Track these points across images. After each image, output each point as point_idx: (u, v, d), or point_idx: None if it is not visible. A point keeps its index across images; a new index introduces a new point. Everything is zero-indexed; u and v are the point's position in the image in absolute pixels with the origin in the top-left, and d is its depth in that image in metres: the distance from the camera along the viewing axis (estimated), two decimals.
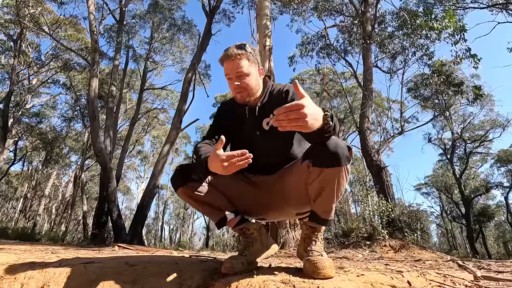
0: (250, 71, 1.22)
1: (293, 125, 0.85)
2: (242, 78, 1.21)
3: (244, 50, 1.21)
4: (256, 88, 1.26)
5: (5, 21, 14.33)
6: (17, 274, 1.19)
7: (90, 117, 9.24)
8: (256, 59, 1.26)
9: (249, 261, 1.17)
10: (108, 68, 14.98)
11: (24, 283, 1.16)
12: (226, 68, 1.22)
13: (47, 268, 1.22)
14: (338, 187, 1.05)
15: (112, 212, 8.19)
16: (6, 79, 16.71)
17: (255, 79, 1.24)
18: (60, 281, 1.14)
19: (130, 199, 32.56)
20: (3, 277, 1.17)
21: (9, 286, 1.14)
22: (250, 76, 1.22)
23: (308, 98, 0.88)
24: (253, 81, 1.23)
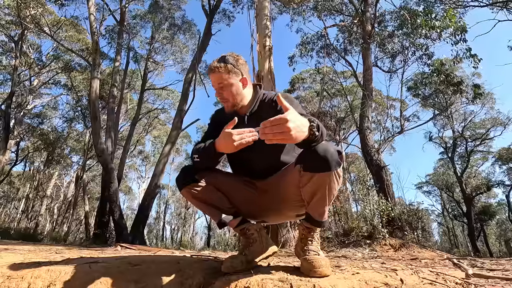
0: (230, 82, 1.26)
1: (278, 138, 0.90)
2: (223, 89, 1.26)
3: (224, 63, 1.25)
4: (239, 98, 1.30)
5: (6, 22, 14.38)
6: (24, 273, 1.23)
7: (91, 118, 9.29)
8: (238, 70, 1.29)
9: (249, 261, 1.20)
10: (109, 68, 15.03)
11: (31, 282, 1.20)
12: (211, 81, 1.28)
13: (53, 267, 1.26)
14: (330, 191, 1.08)
15: (114, 212, 8.24)
16: (8, 80, 16.80)
17: (236, 89, 1.28)
18: (66, 281, 1.18)
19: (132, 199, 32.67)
20: (11, 277, 1.21)
21: (16, 285, 1.18)
22: (231, 87, 1.26)
23: (292, 111, 0.93)
24: (234, 92, 1.28)
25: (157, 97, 18.34)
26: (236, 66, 1.29)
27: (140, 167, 26.57)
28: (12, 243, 4.91)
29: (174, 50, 16.14)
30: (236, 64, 1.29)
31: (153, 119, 18.55)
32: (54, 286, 1.17)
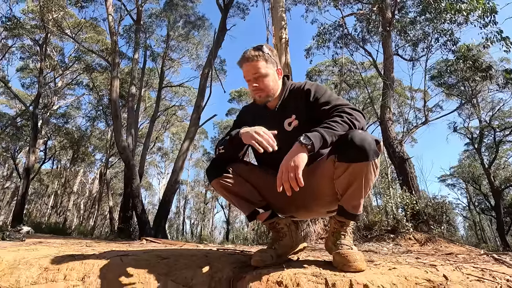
0: (267, 72, 1.23)
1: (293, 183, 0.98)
2: (260, 79, 1.22)
3: (261, 52, 1.22)
4: (274, 88, 1.26)
5: (31, 26, 14.98)
6: (60, 265, 1.27)
7: (112, 117, 9.56)
8: (274, 59, 1.26)
9: (278, 255, 1.18)
10: (128, 67, 15.38)
11: (66, 274, 1.23)
12: (244, 71, 1.24)
13: (87, 260, 1.30)
14: (366, 182, 1.03)
15: (137, 207, 8.49)
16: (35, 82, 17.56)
17: (273, 79, 1.25)
18: (99, 273, 1.21)
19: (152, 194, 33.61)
20: (48, 268, 1.26)
21: (53, 276, 1.22)
22: (268, 77, 1.23)
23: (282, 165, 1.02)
24: (271, 82, 1.24)
25: (174, 94, 18.62)
26: (272, 56, 1.26)
27: (159, 163, 27.28)
28: (44, 236, 5.18)
29: (189, 47, 16.28)
30: (272, 54, 1.26)
31: (171, 116, 18.89)
32: (88, 278, 1.20)
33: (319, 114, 1.14)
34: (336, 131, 1.01)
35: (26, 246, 1.92)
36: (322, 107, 1.14)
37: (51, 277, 1.22)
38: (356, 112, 1.08)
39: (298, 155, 0.98)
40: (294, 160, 0.97)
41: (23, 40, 15.89)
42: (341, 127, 1.02)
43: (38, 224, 10.33)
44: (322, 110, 1.13)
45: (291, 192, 0.98)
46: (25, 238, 3.15)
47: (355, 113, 1.07)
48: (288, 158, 0.99)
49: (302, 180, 0.96)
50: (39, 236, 4.87)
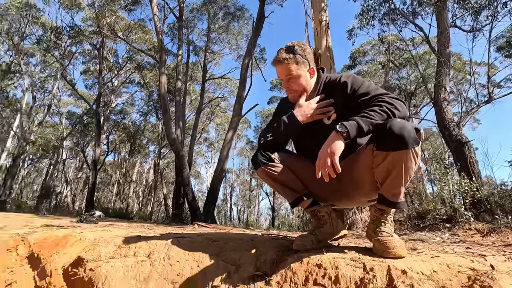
0: (299, 73, 1.26)
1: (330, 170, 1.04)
2: (291, 81, 1.27)
3: (292, 54, 1.25)
4: (306, 87, 1.30)
5: (90, 33, 16.56)
6: (130, 244, 1.50)
7: (162, 111, 10.27)
8: (306, 59, 1.28)
9: (319, 240, 1.24)
10: (173, 63, 16.21)
11: (135, 251, 1.45)
12: (277, 72, 1.29)
13: (151, 240, 1.51)
14: (406, 170, 1.03)
15: (187, 195, 9.12)
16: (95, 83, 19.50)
17: (305, 80, 1.28)
18: (161, 251, 1.41)
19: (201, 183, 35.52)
20: (121, 246, 1.49)
21: (126, 253, 1.45)
22: (299, 79, 1.27)
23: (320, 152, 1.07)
24: (303, 82, 1.28)
25: (217, 86, 19.19)
26: (304, 56, 1.28)
27: (206, 153, 28.67)
28: (112, 220, 5.91)
29: (229, 38, 16.52)
30: (304, 54, 1.29)
31: (214, 108, 19.57)
32: (153, 255, 1.40)
33: (358, 105, 1.14)
34: (373, 119, 1.02)
35: (101, 228, 2.25)
36: (361, 98, 1.15)
37: (124, 253, 1.45)
38: (396, 101, 1.07)
39: (334, 143, 1.02)
40: (330, 148, 1.01)
41: (84, 45, 17.68)
42: (379, 116, 1.03)
43: (106, 209, 11.71)
44: (362, 101, 1.14)
45: (328, 178, 1.02)
46: (97, 221, 3.65)
47: (395, 102, 1.06)
48: (325, 146, 1.04)
49: (339, 166, 1.00)
50: (108, 220, 5.58)
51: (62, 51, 17.00)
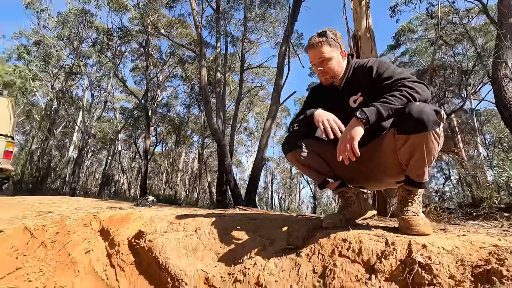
0: (331, 55, 1.31)
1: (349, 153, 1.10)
2: (324, 63, 1.32)
3: (325, 37, 1.30)
4: (339, 70, 1.34)
5: (136, 32, 17.71)
6: (180, 220, 1.73)
7: (203, 102, 10.75)
8: (337, 43, 1.33)
9: (347, 219, 1.32)
10: (213, 56, 16.68)
11: (184, 226, 1.68)
12: (310, 56, 1.34)
13: (197, 218, 1.72)
14: (429, 151, 1.06)
15: (230, 182, 9.54)
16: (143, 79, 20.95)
17: (337, 62, 1.33)
18: (206, 226, 1.61)
19: (242, 171, 36.51)
20: (173, 222, 1.73)
21: (176, 227, 1.69)
22: (332, 60, 1.31)
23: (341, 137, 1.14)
24: (335, 64, 1.32)
25: (255, 76, 19.33)
26: (336, 39, 1.34)
27: (246, 142, 29.30)
28: (163, 205, 6.50)
29: (266, 26, 16.43)
30: (336, 38, 1.34)
31: (253, 97, 19.80)
32: (199, 230, 1.61)
33: (382, 89, 1.17)
34: (393, 104, 1.06)
35: (155, 209, 2.57)
36: (384, 82, 1.18)
37: (175, 228, 1.68)
38: (418, 85, 1.08)
39: (354, 129, 1.08)
40: (350, 133, 1.08)
41: (132, 44, 19.03)
42: (399, 100, 1.06)
43: (157, 195, 12.78)
44: (385, 85, 1.17)
45: (348, 162, 1.09)
46: (151, 205, 4.09)
47: (415, 85, 1.08)
48: (345, 131, 1.11)
49: (358, 151, 1.06)
50: (159, 205, 6.16)
51: (114, 51, 18.52)
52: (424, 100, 1.08)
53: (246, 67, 16.39)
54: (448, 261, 0.84)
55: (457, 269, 0.81)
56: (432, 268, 0.82)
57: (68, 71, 18.45)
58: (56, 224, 2.50)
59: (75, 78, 19.57)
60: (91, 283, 1.75)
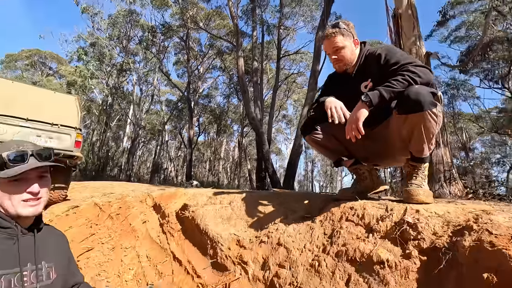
0: (344, 44, 1.42)
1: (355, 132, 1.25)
2: (338, 52, 1.43)
3: (338, 28, 1.42)
4: (351, 58, 1.45)
5: (177, 27, 18.56)
6: (217, 196, 2.02)
7: (241, 92, 11.08)
8: (350, 32, 1.43)
9: (359, 192, 1.47)
10: (250, 45, 16.87)
11: (221, 200, 1.97)
12: (324, 47, 1.48)
13: (231, 194, 2.00)
14: (426, 129, 1.16)
15: (268, 169, 9.82)
16: (185, 72, 21.99)
17: (350, 50, 1.43)
18: (238, 200, 1.87)
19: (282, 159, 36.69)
20: (211, 197, 2.03)
21: (214, 201, 1.98)
22: (345, 49, 1.42)
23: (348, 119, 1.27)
24: (348, 53, 1.43)
25: (292, 62, 19.11)
26: (348, 29, 1.45)
27: (285, 129, 29.29)
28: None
29: (302, 10, 16.04)
30: (348, 28, 1.46)
31: (291, 84, 19.66)
32: (233, 203, 1.88)
33: (389, 74, 1.27)
34: (395, 88, 1.16)
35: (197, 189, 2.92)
36: (391, 67, 1.27)
37: (213, 202, 1.98)
38: (420, 69, 1.17)
39: (359, 111, 1.21)
40: (356, 115, 1.22)
41: (173, 39, 20.03)
42: (401, 84, 1.16)
43: (201, 182, 13.64)
44: (392, 70, 1.27)
45: (355, 139, 1.24)
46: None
47: (418, 69, 1.17)
48: (352, 113, 1.25)
49: (362, 130, 1.20)
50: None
51: (158, 47, 19.72)
52: (425, 83, 1.17)
53: (283, 54, 16.28)
54: (435, 221, 0.96)
55: (442, 228, 0.93)
56: (418, 226, 0.96)
57: (119, 68, 20.13)
58: (118, 201, 3.00)
59: (125, 75, 21.26)
60: (148, 246, 2.14)
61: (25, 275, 0.74)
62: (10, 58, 26.47)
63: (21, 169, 0.75)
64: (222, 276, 1.50)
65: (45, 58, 27.33)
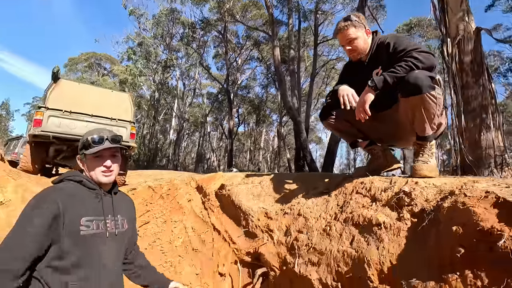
0: (357, 35, 1.53)
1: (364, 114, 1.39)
2: (352, 43, 1.55)
3: (350, 21, 1.53)
4: (364, 47, 1.56)
5: (214, 21, 19.09)
6: (248, 177, 2.29)
7: (277, 81, 11.17)
8: (361, 23, 1.54)
9: (372, 170, 1.60)
10: (286, 33, 16.73)
11: (252, 180, 2.23)
12: (339, 39, 1.60)
13: (261, 176, 2.25)
14: (426, 110, 1.26)
15: (306, 157, 9.90)
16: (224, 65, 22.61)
17: (363, 40, 1.54)
18: (267, 180, 2.12)
19: (323, 148, 36.03)
20: (244, 178, 2.31)
21: (246, 181, 2.25)
22: (358, 39, 1.54)
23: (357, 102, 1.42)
24: (361, 42, 1.54)
25: (331, 48, 18.51)
26: (360, 21, 1.56)
27: None
28: None
29: None
30: (359, 20, 1.57)
31: (330, 71, 19.10)
32: (262, 182, 2.13)
33: (396, 61, 1.37)
34: (398, 73, 1.27)
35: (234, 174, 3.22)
36: (398, 55, 1.37)
37: (245, 182, 2.25)
38: (423, 54, 1.26)
39: (366, 95, 1.35)
40: (363, 98, 1.35)
41: (212, 33, 20.67)
42: (404, 70, 1.27)
43: (241, 170, 14.19)
44: (399, 57, 1.36)
45: (364, 120, 1.38)
46: None
47: (421, 55, 1.26)
48: (360, 97, 1.38)
49: (369, 112, 1.33)
50: None
51: (197, 42, 20.55)
52: (427, 68, 1.26)
53: (321, 40, 15.87)
54: (430, 191, 1.09)
55: (434, 195, 1.06)
56: (412, 194, 1.09)
57: (163, 65, 21.45)
58: (168, 183, 3.44)
59: (169, 71, 22.58)
60: (193, 219, 2.51)
61: (107, 222, 1.07)
62: (72, 62, 29.69)
63: (98, 148, 1.07)
64: (253, 242, 1.77)
65: (100, 60, 30.12)
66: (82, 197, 1.02)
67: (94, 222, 1.03)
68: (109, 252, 1.03)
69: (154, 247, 2.37)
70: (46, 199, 0.91)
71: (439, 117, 1.34)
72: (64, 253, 0.91)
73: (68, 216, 0.93)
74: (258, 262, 1.68)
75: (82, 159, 1.09)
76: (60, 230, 0.90)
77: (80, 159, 1.10)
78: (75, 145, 4.74)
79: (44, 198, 0.92)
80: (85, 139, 1.09)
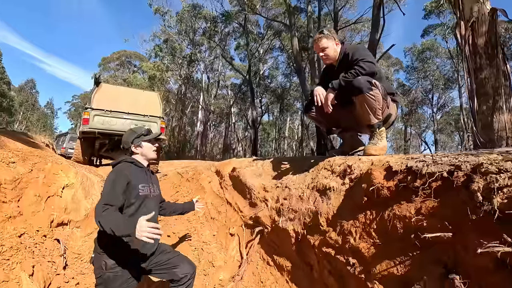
0: (328, 45, 1.94)
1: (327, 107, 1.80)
2: (324, 50, 1.97)
3: (322, 34, 1.95)
4: (334, 55, 1.96)
5: (235, 12, 19.44)
6: (254, 161, 2.80)
7: (296, 71, 11.41)
8: (332, 36, 1.95)
9: (342, 152, 2.04)
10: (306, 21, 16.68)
11: (255, 164, 2.74)
12: (314, 48, 2.03)
13: (265, 160, 2.75)
14: (369, 105, 1.68)
15: (327, 145, 10.17)
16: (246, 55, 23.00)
17: (332, 49, 1.95)
18: (267, 162, 2.62)
19: None
20: (250, 161, 2.82)
21: (251, 164, 2.77)
22: (328, 48, 1.95)
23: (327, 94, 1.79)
24: (332, 51, 1.95)
25: (353, 32, 18.16)
26: (331, 34, 1.99)
27: None
28: None
29: None
30: (330, 33, 1.99)
31: None
32: (264, 165, 2.63)
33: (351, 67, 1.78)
34: (347, 78, 1.68)
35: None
36: (353, 63, 1.78)
37: (251, 165, 2.77)
38: (367, 64, 1.65)
39: (328, 94, 1.76)
40: (326, 96, 1.76)
41: (233, 25, 21.07)
42: (351, 75, 1.67)
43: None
44: (352, 65, 1.77)
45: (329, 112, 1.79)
46: None
47: (365, 64, 1.65)
48: (325, 95, 1.79)
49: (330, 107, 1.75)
50: None
51: (219, 35, 21.09)
52: (369, 74, 1.66)
53: (342, 25, 15.66)
54: (366, 164, 1.51)
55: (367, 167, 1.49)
56: (352, 167, 1.54)
57: (188, 59, 22.33)
58: (193, 170, 4.07)
59: (194, 65, 23.45)
60: (212, 196, 3.09)
61: (150, 188, 1.66)
62: (105, 61, 31.68)
63: (151, 136, 1.68)
64: (254, 209, 2.30)
65: (130, 57, 31.81)
66: (136, 172, 1.63)
67: (145, 187, 1.62)
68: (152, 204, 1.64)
69: (182, 217, 3.00)
70: (121, 173, 1.53)
71: (382, 110, 1.74)
72: (130, 204, 1.52)
73: (133, 182, 1.53)
74: (257, 223, 2.21)
75: (138, 145, 1.70)
76: (131, 190, 1.51)
77: (135, 145, 1.71)
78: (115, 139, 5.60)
79: (120, 172, 1.54)
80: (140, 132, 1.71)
